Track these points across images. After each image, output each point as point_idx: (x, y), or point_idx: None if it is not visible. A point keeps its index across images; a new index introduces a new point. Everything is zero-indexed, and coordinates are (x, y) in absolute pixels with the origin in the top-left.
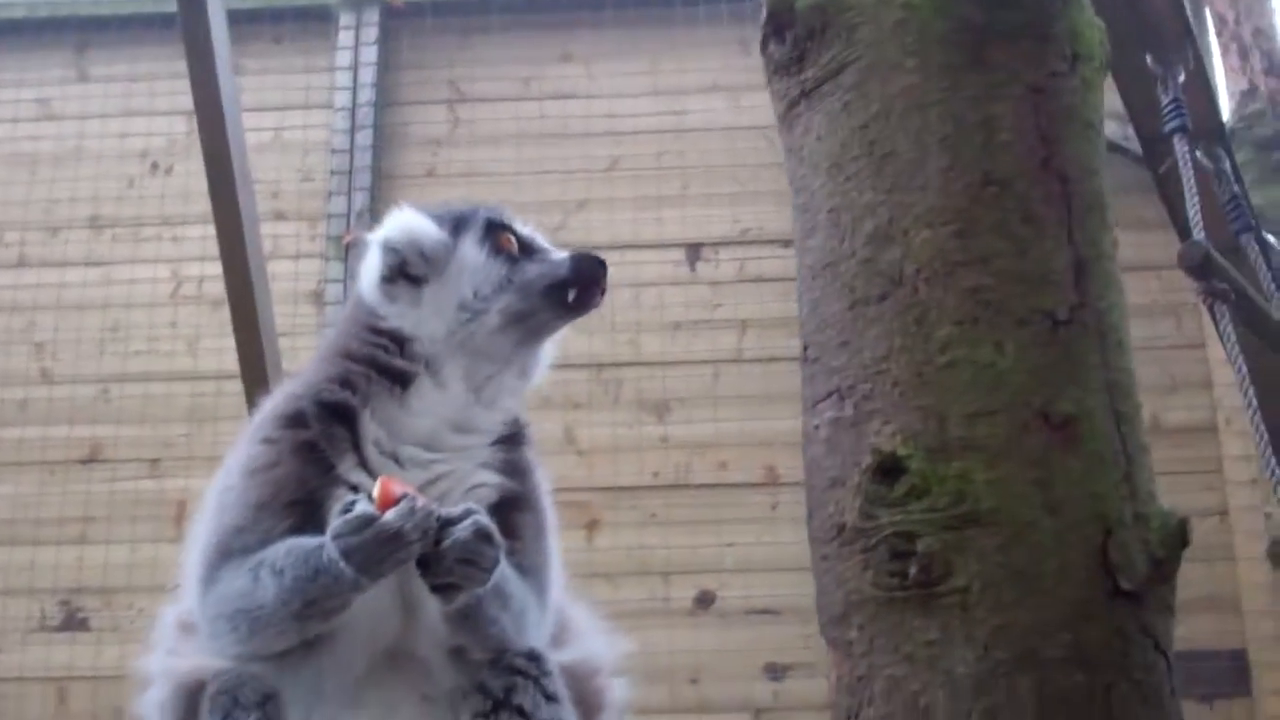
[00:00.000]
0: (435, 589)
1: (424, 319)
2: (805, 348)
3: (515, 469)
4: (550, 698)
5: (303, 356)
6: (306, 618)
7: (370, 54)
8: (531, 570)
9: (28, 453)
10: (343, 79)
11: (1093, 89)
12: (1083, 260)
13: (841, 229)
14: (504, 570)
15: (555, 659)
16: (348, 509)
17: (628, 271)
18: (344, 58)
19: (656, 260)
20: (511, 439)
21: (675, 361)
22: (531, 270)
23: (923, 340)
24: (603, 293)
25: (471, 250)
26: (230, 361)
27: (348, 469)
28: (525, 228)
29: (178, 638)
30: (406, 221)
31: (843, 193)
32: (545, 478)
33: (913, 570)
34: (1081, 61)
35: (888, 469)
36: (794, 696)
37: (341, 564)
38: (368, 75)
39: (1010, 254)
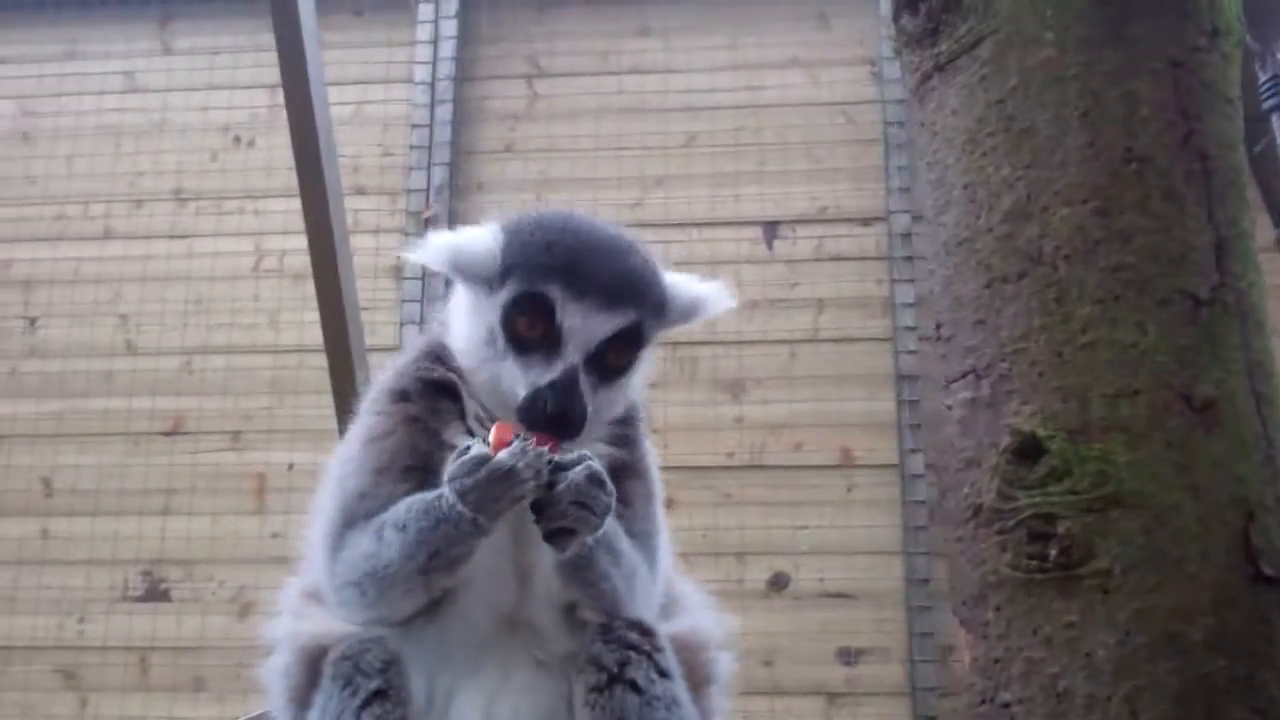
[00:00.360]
0: (549, 536)
1: None
2: (938, 325)
3: (624, 440)
4: (663, 673)
5: (382, 331)
6: (431, 570)
7: (450, 28)
8: (642, 536)
9: (113, 424)
10: (423, 53)
11: (1231, 64)
12: (1223, 239)
13: (978, 205)
14: (615, 527)
15: (665, 630)
16: (463, 453)
17: (704, 249)
18: (424, 32)
19: (733, 238)
20: (621, 438)
21: (751, 341)
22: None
23: (1062, 319)
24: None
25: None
26: (310, 335)
27: (454, 436)
28: (575, 314)
29: (301, 605)
30: (460, 240)
31: (979, 168)
32: (653, 453)
33: (1053, 552)
34: (1221, 36)
35: (1027, 450)
36: (867, 681)
37: (460, 506)
38: (447, 50)
39: (1151, 232)
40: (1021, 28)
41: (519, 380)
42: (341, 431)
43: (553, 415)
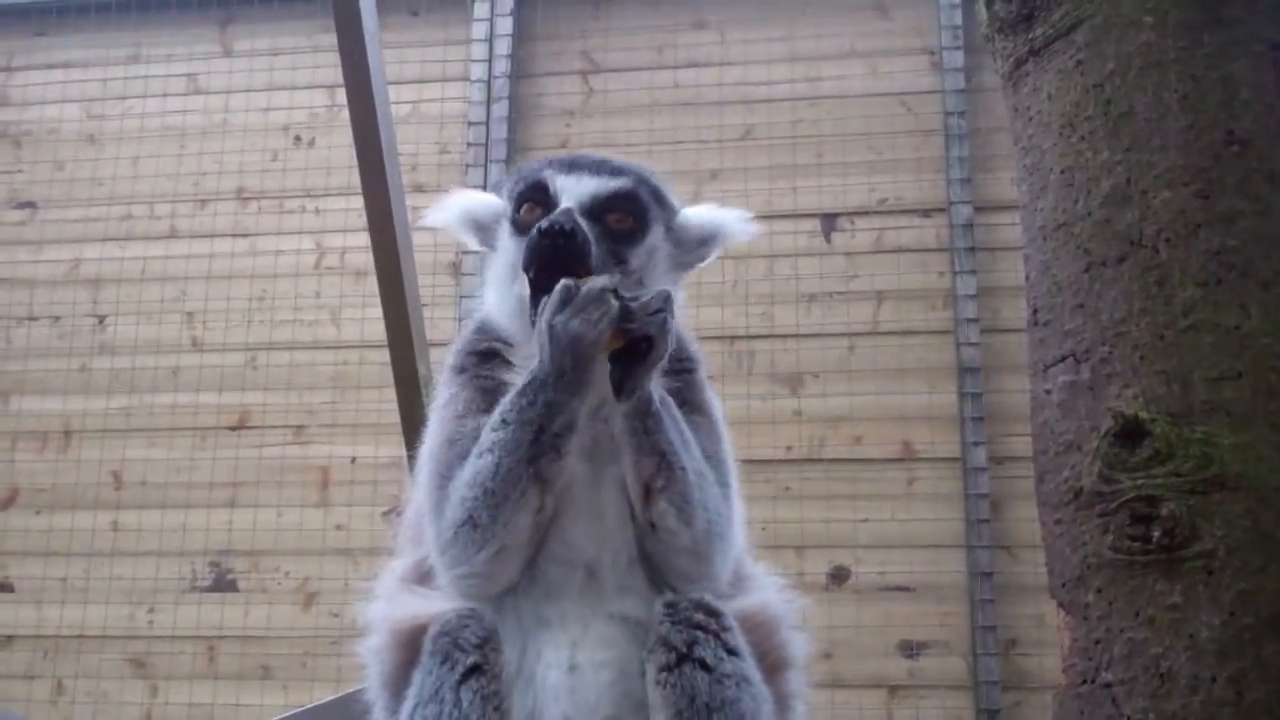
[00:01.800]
0: (618, 389)
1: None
2: (1034, 311)
3: (684, 381)
4: (731, 651)
5: (442, 326)
6: (539, 454)
7: (505, 26)
8: (712, 457)
9: (180, 419)
10: (478, 51)
11: None
12: None
13: (1075, 189)
14: (678, 414)
15: (734, 606)
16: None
17: (762, 242)
18: (480, 30)
19: (791, 230)
20: (679, 371)
21: (809, 334)
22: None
23: (1164, 303)
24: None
25: (505, 230)
26: (371, 331)
27: (509, 385)
28: (565, 183)
29: (398, 589)
30: (468, 195)
31: (1076, 152)
32: (717, 399)
33: (1156, 534)
34: None
35: (1129, 433)
36: (929, 674)
37: (548, 351)
38: (503, 47)
39: (1253, 214)
40: (1119, 12)
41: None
42: (404, 425)
43: (548, 233)
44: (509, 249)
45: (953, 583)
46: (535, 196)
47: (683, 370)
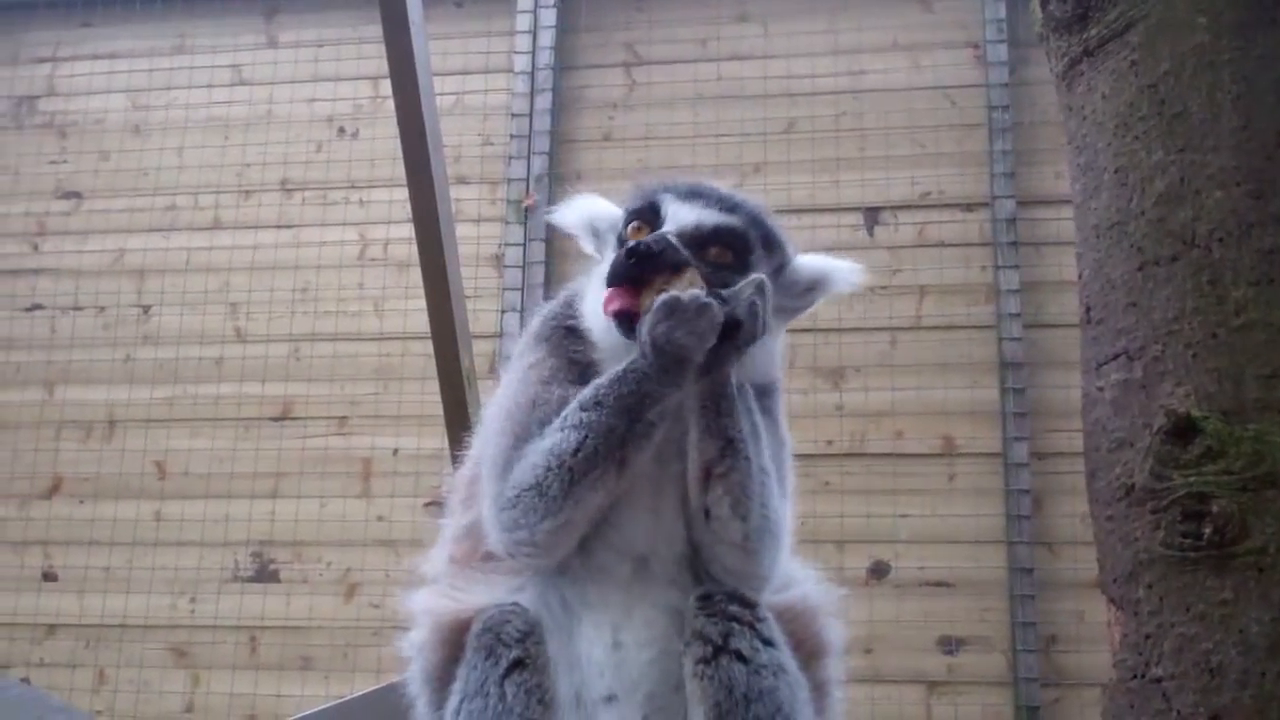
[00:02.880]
0: (728, 329)
1: None
2: (1087, 309)
3: (765, 400)
4: (767, 641)
5: (484, 319)
6: (630, 440)
7: (549, 18)
8: (778, 463)
9: (223, 409)
10: (522, 43)
11: None
12: None
13: (1129, 189)
14: (752, 407)
15: (770, 600)
16: (653, 305)
17: (804, 236)
18: (523, 22)
19: (833, 224)
20: (761, 393)
21: (852, 328)
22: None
23: (1216, 301)
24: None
25: (611, 243)
26: (414, 322)
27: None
28: (676, 209)
29: (441, 582)
30: (591, 201)
31: (1130, 152)
32: (787, 428)
33: (1207, 531)
34: None
35: (1181, 430)
36: (968, 670)
37: (654, 360)
38: (546, 39)
39: None
40: (1173, 13)
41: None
42: (447, 417)
43: (633, 251)
44: (610, 261)
45: (993, 578)
46: (645, 216)
47: (765, 406)
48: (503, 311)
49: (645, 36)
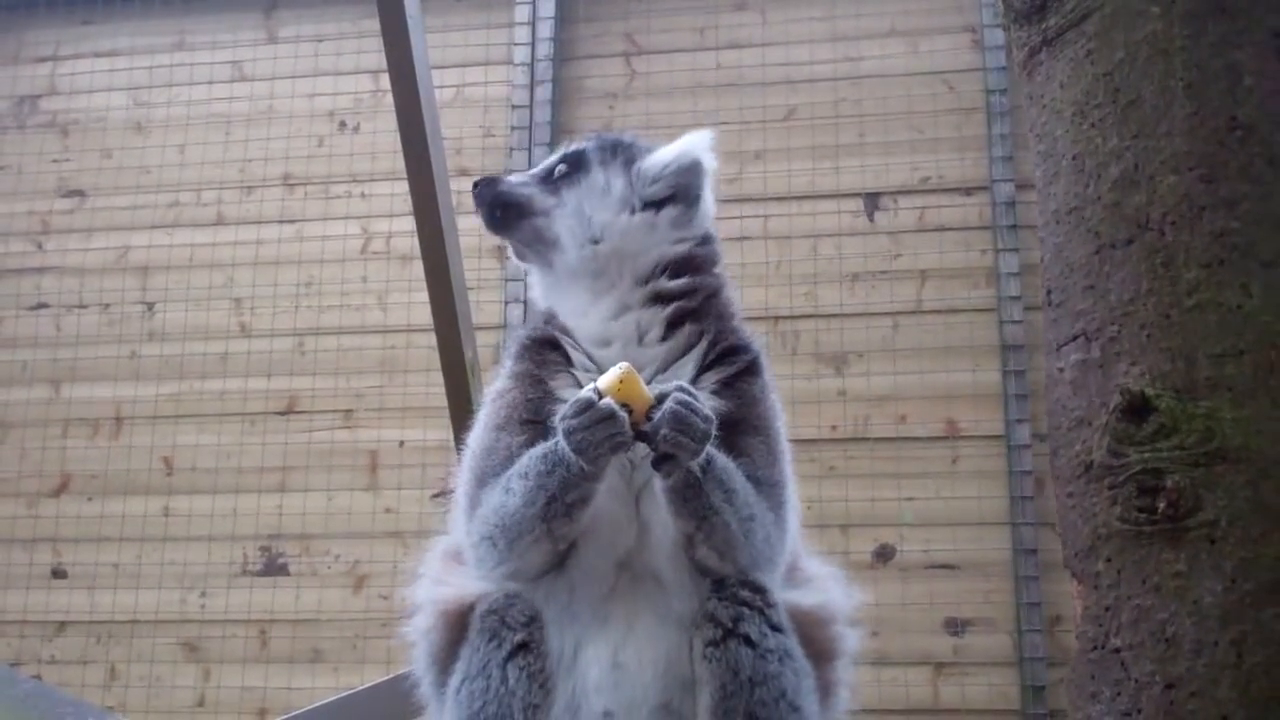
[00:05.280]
0: (655, 463)
1: None
2: (1048, 292)
3: (737, 394)
4: (775, 627)
5: (487, 310)
6: (550, 517)
7: (548, 8)
8: (767, 485)
9: (229, 404)
10: (521, 34)
11: None
12: None
13: (1086, 175)
14: (730, 466)
15: (783, 596)
16: (573, 398)
17: (804, 222)
18: (522, 13)
19: (834, 210)
20: (729, 360)
21: (853, 313)
22: None
23: (1170, 283)
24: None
25: None
26: (418, 315)
27: (562, 387)
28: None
29: (443, 569)
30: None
31: (1087, 139)
32: (778, 409)
33: (1161, 505)
34: None
35: (1136, 408)
36: (974, 651)
37: (569, 451)
38: (545, 30)
39: (1256, 197)
40: (1127, 2)
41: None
42: (451, 408)
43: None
44: None
45: (997, 560)
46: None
47: (738, 374)
48: (506, 303)
49: (644, 26)
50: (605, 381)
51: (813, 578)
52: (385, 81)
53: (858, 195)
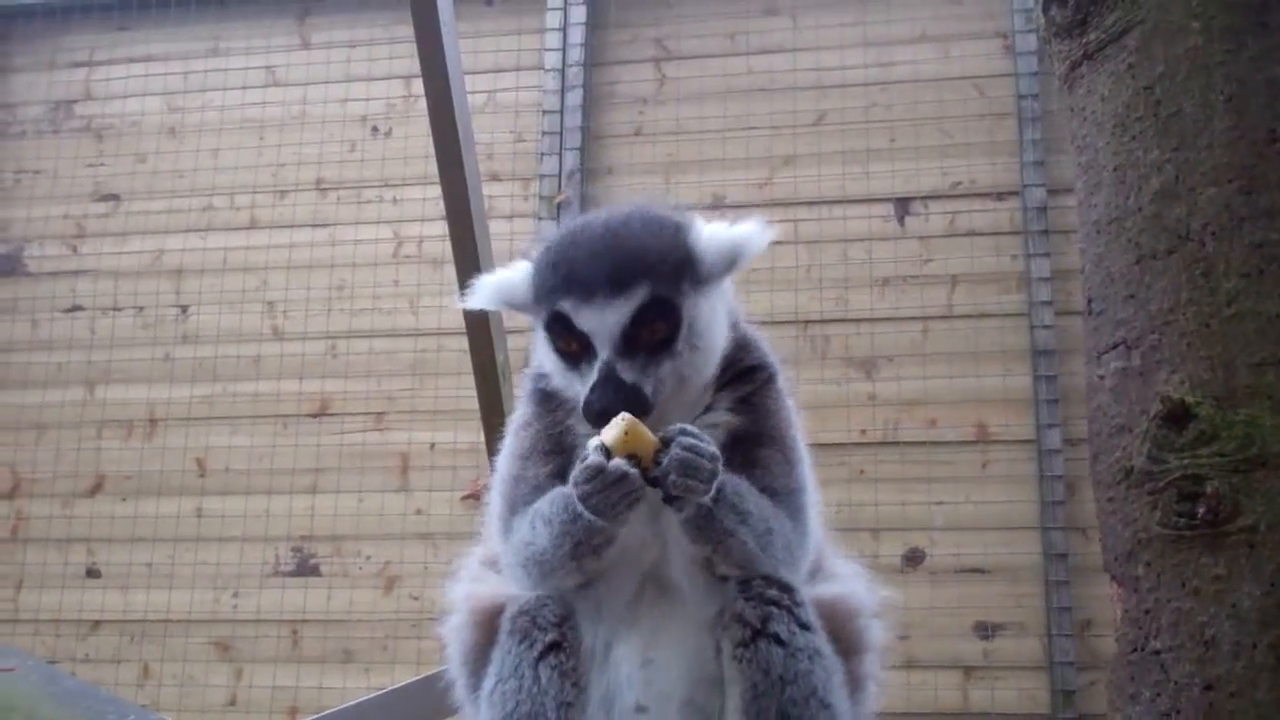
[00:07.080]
0: (667, 501)
1: None
2: (1089, 301)
3: (752, 408)
4: (804, 625)
5: (518, 317)
6: (580, 557)
7: (579, 14)
8: (784, 494)
9: (262, 407)
10: (552, 40)
11: None
12: None
13: (1127, 186)
14: (738, 487)
15: (809, 592)
16: (582, 460)
17: (835, 227)
18: (553, 19)
19: (864, 215)
20: (747, 379)
21: (884, 318)
22: (573, 382)
23: (1209, 293)
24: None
25: (541, 335)
26: (449, 318)
27: (577, 422)
28: (588, 318)
29: (479, 571)
30: (500, 278)
31: (1128, 151)
32: (793, 416)
33: (1201, 510)
34: None
35: (1176, 416)
36: (1004, 655)
37: (584, 511)
38: (576, 36)
39: None
40: (1168, 17)
41: (578, 389)
42: (482, 411)
43: (606, 409)
44: (550, 357)
45: (1027, 564)
46: (561, 330)
47: (749, 404)
48: None
49: (674, 31)
50: (610, 436)
51: (838, 574)
52: (417, 87)
53: (888, 200)
